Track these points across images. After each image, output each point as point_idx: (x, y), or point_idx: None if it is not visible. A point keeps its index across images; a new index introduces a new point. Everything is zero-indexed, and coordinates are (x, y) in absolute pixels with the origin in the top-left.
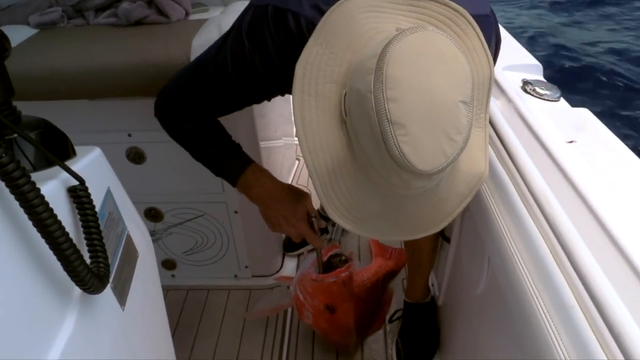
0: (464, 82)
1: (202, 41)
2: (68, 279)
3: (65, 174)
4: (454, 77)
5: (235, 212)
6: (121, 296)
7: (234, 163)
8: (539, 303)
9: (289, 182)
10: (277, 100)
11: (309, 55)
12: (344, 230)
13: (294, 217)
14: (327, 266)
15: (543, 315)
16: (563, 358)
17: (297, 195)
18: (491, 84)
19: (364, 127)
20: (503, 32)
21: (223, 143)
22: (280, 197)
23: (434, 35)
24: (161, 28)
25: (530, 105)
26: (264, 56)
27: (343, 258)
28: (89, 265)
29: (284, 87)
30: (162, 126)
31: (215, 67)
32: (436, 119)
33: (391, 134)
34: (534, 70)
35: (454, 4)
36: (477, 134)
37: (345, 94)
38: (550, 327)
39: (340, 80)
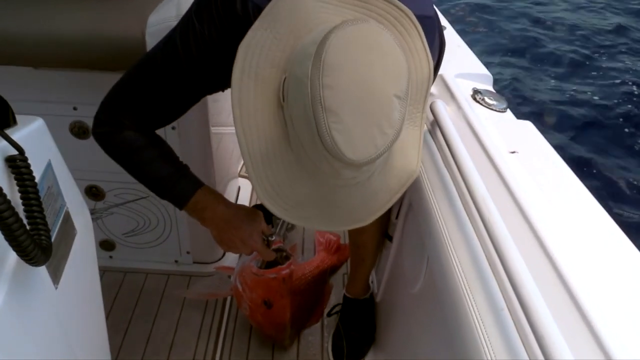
0: (400, 77)
1: (159, 18)
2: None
3: (4, 143)
4: (391, 71)
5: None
6: (55, 274)
7: (183, 185)
8: (471, 304)
9: (238, 169)
10: None
11: (252, 38)
12: (288, 225)
13: (250, 239)
14: (269, 261)
15: (474, 316)
16: (490, 358)
17: (250, 216)
18: (429, 85)
19: (298, 112)
20: (458, 40)
21: (172, 162)
22: (235, 221)
23: (375, 28)
24: (118, 1)
25: (479, 114)
26: (212, 30)
27: (284, 254)
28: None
29: (226, 77)
30: (102, 144)
31: (164, 54)
32: (370, 111)
33: (324, 121)
34: (485, 80)
35: (400, 4)
36: (412, 132)
37: (285, 79)
38: (480, 327)
39: (281, 65)
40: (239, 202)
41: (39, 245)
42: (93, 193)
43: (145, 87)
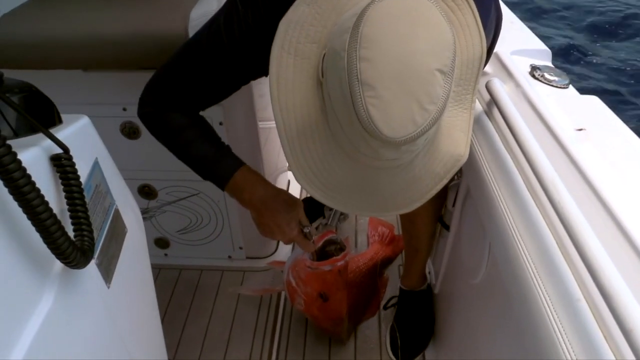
0: (444, 50)
1: (201, 12)
2: (48, 252)
3: (49, 142)
4: (433, 44)
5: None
6: (107, 273)
7: (224, 165)
8: (543, 295)
9: (286, 164)
10: None
11: (294, 13)
12: (340, 216)
13: (287, 226)
14: (322, 253)
15: (547, 309)
16: (567, 354)
17: (290, 202)
18: (481, 65)
19: (335, 87)
20: (511, 16)
21: (213, 142)
22: (272, 204)
23: (420, 0)
24: None
25: (539, 91)
26: (256, 13)
27: (339, 246)
28: (72, 239)
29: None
30: (146, 124)
31: (208, 37)
32: (409, 85)
33: (360, 95)
34: (543, 56)
35: None
36: (461, 115)
37: (324, 55)
38: (555, 321)
39: (322, 41)
40: None
41: (78, 247)
42: (145, 192)
43: (190, 70)
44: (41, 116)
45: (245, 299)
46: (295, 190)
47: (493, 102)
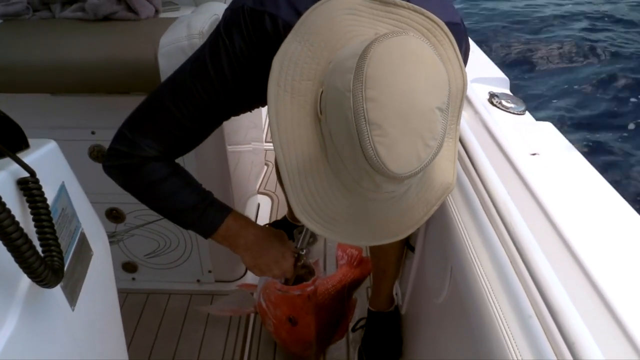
0: (441, 88)
1: (170, 39)
2: (12, 273)
3: (15, 166)
4: (433, 83)
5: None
6: (72, 296)
7: (211, 214)
8: (498, 312)
9: (257, 186)
10: None
11: (286, 51)
12: (310, 239)
13: (283, 259)
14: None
15: (501, 324)
16: None
17: (279, 236)
18: (464, 97)
19: (339, 126)
20: (472, 45)
21: (197, 191)
22: (266, 244)
23: (415, 40)
24: (130, 25)
25: (496, 118)
26: (242, 45)
27: (308, 270)
28: (43, 258)
29: (255, 96)
30: (118, 178)
31: (193, 75)
32: (413, 123)
33: (367, 134)
34: (501, 83)
35: (430, 14)
36: (447, 144)
37: (322, 92)
38: (508, 336)
39: (317, 79)
40: (259, 218)
41: (49, 266)
42: (114, 216)
43: (173, 111)
44: (8, 140)
45: (213, 322)
46: (265, 213)
47: None
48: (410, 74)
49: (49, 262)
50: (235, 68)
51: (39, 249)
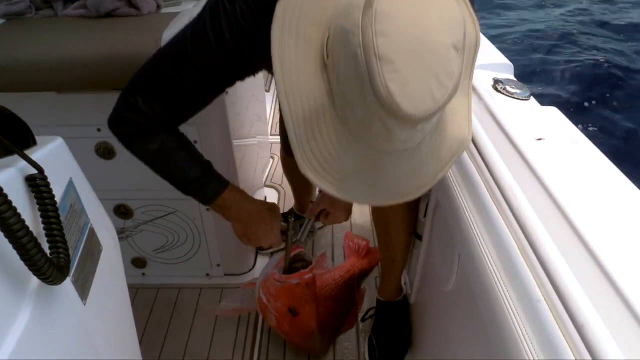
0: (456, 27)
1: (173, 33)
2: (24, 269)
3: (24, 163)
4: (448, 21)
5: (207, 209)
6: (83, 290)
7: (210, 186)
8: (507, 297)
9: (263, 180)
10: (252, 100)
11: None
12: (310, 233)
13: (271, 232)
14: (290, 269)
15: (510, 310)
16: (528, 350)
17: (271, 210)
18: (477, 51)
19: (348, 66)
20: None
21: (199, 164)
22: (259, 216)
23: None
24: (132, 21)
25: (501, 104)
26: (244, 10)
27: (306, 263)
28: (49, 255)
29: (258, 60)
30: (125, 143)
31: (194, 38)
32: (427, 59)
33: (378, 70)
34: (505, 69)
35: None
36: (461, 99)
37: (328, 37)
38: (517, 320)
39: (323, 24)
40: None
41: (55, 264)
42: (122, 212)
43: (173, 76)
44: (16, 138)
45: (223, 316)
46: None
47: None
48: (423, 10)
49: (54, 260)
50: (235, 33)
51: (47, 246)
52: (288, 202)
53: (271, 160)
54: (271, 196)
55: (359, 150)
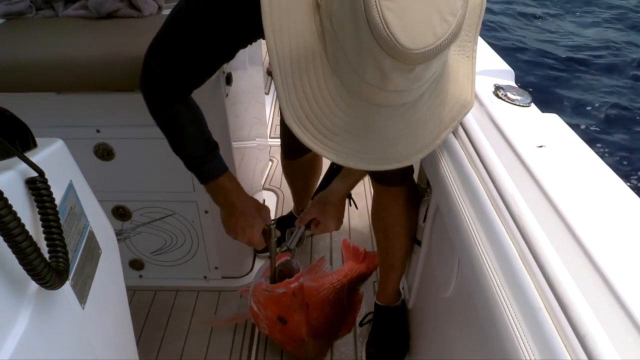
0: None
1: None
2: (23, 273)
3: (24, 166)
4: None
5: (206, 211)
6: (81, 294)
7: (210, 167)
8: (507, 305)
9: (262, 182)
10: (252, 101)
11: None
12: (300, 240)
13: (250, 230)
14: (278, 277)
15: (510, 317)
16: (529, 358)
17: (257, 208)
18: (482, 12)
19: (342, 1)
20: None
21: (206, 143)
22: (242, 209)
23: None
24: (133, 22)
25: (502, 110)
26: None
27: (292, 270)
28: (48, 260)
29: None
30: (148, 104)
31: (188, 7)
32: None
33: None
34: (506, 75)
35: None
36: (464, 62)
37: None
38: (517, 329)
39: None
40: None
41: (54, 268)
42: (120, 213)
43: (178, 45)
44: (16, 140)
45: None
46: (270, 209)
47: (458, 122)
48: None
49: (53, 264)
50: (227, 4)
51: (46, 249)
52: (286, 205)
53: (270, 163)
54: (269, 199)
55: (350, 104)
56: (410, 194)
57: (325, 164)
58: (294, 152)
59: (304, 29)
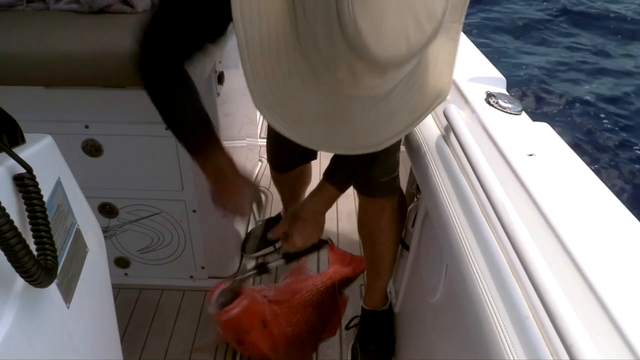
0: None
1: None
2: (7, 272)
3: (12, 161)
4: None
5: (194, 211)
6: (67, 293)
7: (203, 139)
8: (494, 313)
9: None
10: (243, 100)
11: None
12: (262, 272)
13: (240, 200)
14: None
15: (497, 325)
16: None
17: (249, 184)
18: None
19: None
20: (469, 44)
21: (201, 117)
22: (232, 180)
23: None
24: (125, 18)
25: (493, 118)
26: None
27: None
28: (36, 257)
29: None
30: (142, 82)
31: None
32: None
33: (348, 3)
34: (498, 83)
35: None
36: (446, 45)
37: None
38: (504, 337)
39: None
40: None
41: (42, 266)
42: (107, 210)
43: (169, 15)
44: (4, 135)
45: (206, 318)
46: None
47: (450, 128)
48: None
49: (42, 262)
50: None
51: (34, 247)
52: (275, 206)
53: (259, 163)
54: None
55: (321, 91)
56: (396, 203)
57: (315, 174)
58: (283, 166)
59: (276, 14)
